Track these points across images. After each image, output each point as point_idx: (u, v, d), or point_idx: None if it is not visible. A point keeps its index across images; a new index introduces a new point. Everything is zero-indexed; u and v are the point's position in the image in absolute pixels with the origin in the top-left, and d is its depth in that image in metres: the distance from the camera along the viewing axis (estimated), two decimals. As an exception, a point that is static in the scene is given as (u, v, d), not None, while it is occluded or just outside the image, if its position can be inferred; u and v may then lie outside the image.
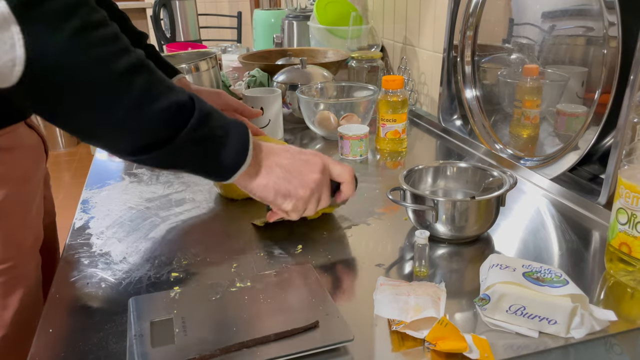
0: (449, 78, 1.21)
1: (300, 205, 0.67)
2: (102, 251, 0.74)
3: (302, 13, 1.92)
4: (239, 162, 0.62)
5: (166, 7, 2.49)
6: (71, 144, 4.20)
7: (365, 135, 1.06)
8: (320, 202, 0.69)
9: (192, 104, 0.58)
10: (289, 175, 0.65)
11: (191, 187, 0.94)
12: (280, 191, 0.65)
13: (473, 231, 0.73)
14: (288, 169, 0.65)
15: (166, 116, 0.55)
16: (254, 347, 0.52)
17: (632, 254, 0.62)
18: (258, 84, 1.41)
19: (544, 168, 0.94)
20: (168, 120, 0.56)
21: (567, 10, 0.90)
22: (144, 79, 0.54)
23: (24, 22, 0.46)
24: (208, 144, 0.59)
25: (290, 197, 0.66)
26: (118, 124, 0.54)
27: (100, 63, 0.51)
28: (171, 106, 0.56)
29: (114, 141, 0.57)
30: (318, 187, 0.67)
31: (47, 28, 0.47)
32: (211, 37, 3.48)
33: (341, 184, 0.71)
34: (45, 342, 0.56)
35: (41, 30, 0.47)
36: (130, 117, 0.54)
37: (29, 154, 0.73)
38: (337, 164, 0.70)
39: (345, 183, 0.71)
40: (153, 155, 0.57)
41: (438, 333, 0.52)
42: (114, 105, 0.52)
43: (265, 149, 0.66)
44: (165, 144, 0.56)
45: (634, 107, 0.71)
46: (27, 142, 0.73)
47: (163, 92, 0.56)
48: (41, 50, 0.47)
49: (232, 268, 0.69)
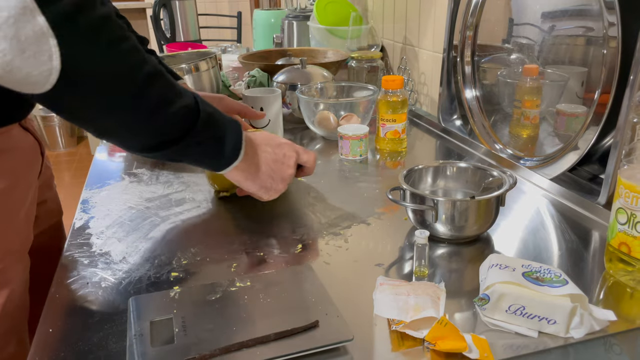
0: (449, 78, 1.21)
1: (275, 195, 0.79)
2: (102, 251, 0.74)
3: (302, 13, 1.92)
4: (233, 158, 0.71)
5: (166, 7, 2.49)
6: (71, 144, 4.20)
7: (365, 135, 1.06)
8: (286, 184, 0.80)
9: (197, 106, 0.65)
10: (271, 172, 0.76)
11: (191, 187, 0.94)
12: (263, 185, 0.76)
13: (473, 231, 0.73)
14: (272, 166, 0.76)
15: (177, 118, 0.63)
16: (254, 347, 0.52)
17: (631, 254, 0.62)
18: (258, 84, 1.41)
19: (544, 168, 0.95)
20: (178, 122, 0.63)
21: (567, 10, 0.90)
22: (161, 84, 0.61)
23: (61, 36, 0.50)
24: (209, 143, 0.67)
25: (270, 190, 0.77)
26: (135, 125, 0.61)
27: (126, 73, 0.57)
28: (181, 109, 0.63)
29: (128, 139, 0.63)
30: (290, 178, 0.79)
31: (80, 41, 0.52)
32: (211, 37, 3.48)
33: (305, 167, 0.83)
34: (45, 342, 0.56)
35: (75, 43, 0.52)
36: (148, 119, 0.60)
37: (22, 157, 0.72)
38: (305, 153, 0.81)
39: (309, 168, 0.83)
40: (162, 152, 0.64)
41: (438, 333, 0.52)
42: (136, 109, 0.59)
43: (252, 144, 0.75)
44: (173, 143, 0.64)
45: (634, 107, 0.71)
46: (20, 144, 0.72)
47: (175, 96, 0.63)
48: (75, 61, 0.52)
49: (232, 268, 0.69)
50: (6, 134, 0.68)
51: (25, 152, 0.74)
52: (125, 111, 0.58)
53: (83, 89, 0.55)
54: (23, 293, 0.73)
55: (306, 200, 0.89)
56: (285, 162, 0.77)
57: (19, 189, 0.71)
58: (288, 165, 0.78)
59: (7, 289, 0.69)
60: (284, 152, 0.77)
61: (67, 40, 0.51)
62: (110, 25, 0.54)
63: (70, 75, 0.52)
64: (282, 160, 0.77)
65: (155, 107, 0.60)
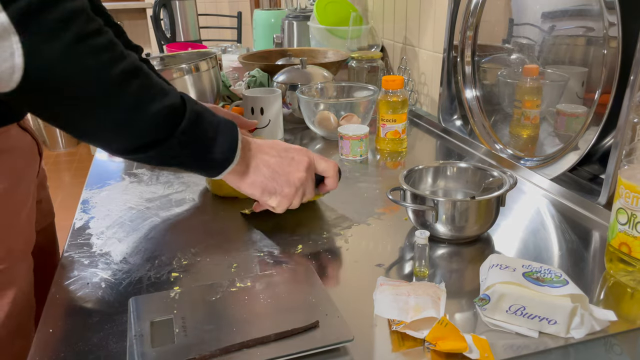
0: (449, 78, 1.21)
1: (285, 202, 0.72)
2: (102, 251, 0.74)
3: (302, 13, 1.92)
4: (227, 161, 0.66)
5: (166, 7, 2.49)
6: (71, 144, 4.19)
7: (365, 135, 1.06)
8: (305, 197, 0.74)
9: (183, 105, 0.62)
10: (275, 174, 0.70)
11: (191, 188, 0.94)
12: (267, 189, 0.70)
13: (473, 231, 0.73)
14: (275, 168, 0.70)
15: (159, 119, 0.59)
16: (254, 347, 0.52)
17: (632, 254, 0.62)
18: (258, 84, 1.41)
19: (544, 168, 0.94)
20: (161, 122, 0.59)
21: (567, 11, 0.90)
22: (139, 83, 0.57)
23: (23, 32, 0.48)
24: (199, 144, 0.63)
25: (276, 195, 0.71)
26: (114, 126, 0.57)
27: (97, 69, 0.53)
28: (164, 109, 0.59)
29: (109, 141, 0.60)
30: (302, 185, 0.72)
31: (44, 38, 0.49)
32: (211, 37, 3.48)
33: (325, 178, 0.76)
34: (45, 342, 0.56)
35: (39, 40, 0.49)
36: (125, 119, 0.57)
37: (20, 157, 0.72)
38: (322, 160, 0.75)
39: (329, 177, 0.76)
40: (147, 154, 0.61)
41: (438, 333, 0.52)
42: (111, 109, 0.56)
43: (253, 147, 0.70)
44: (158, 144, 0.60)
45: (634, 107, 0.71)
46: (19, 144, 0.72)
47: (157, 95, 0.59)
48: (39, 58, 0.50)
49: (232, 268, 0.69)
50: (5, 134, 0.68)
51: (24, 151, 0.74)
52: (101, 111, 0.56)
53: (50, 88, 0.52)
54: (29, 292, 0.73)
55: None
56: (293, 165, 0.71)
57: (20, 189, 0.71)
58: (297, 169, 0.71)
59: (14, 288, 0.69)
60: (292, 155, 0.71)
61: (30, 37, 0.49)
62: (79, 19, 0.52)
63: (35, 73, 0.50)
64: (289, 163, 0.71)
65: (134, 106, 0.57)
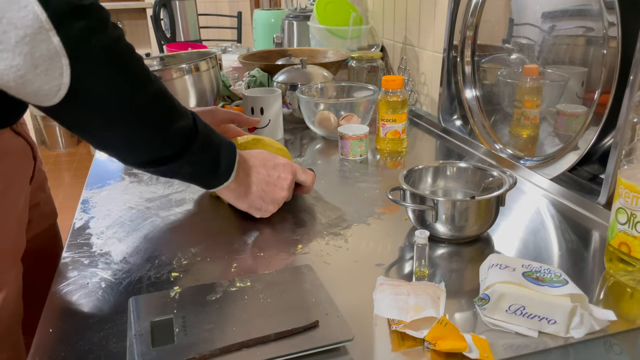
0: (449, 78, 1.21)
1: (265, 215, 0.80)
2: (102, 251, 0.74)
3: (302, 13, 1.92)
4: (224, 179, 0.74)
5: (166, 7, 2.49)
6: (71, 144, 4.20)
7: (365, 135, 1.06)
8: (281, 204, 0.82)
9: (195, 127, 0.68)
10: (262, 193, 0.78)
11: (191, 188, 0.94)
12: (253, 205, 0.79)
13: (473, 231, 0.73)
14: (263, 186, 0.78)
15: (176, 138, 0.66)
16: (254, 347, 0.52)
17: (631, 254, 0.62)
18: (258, 84, 1.41)
19: (544, 168, 0.95)
20: (177, 141, 0.66)
21: (567, 11, 0.90)
22: (166, 104, 0.65)
23: (73, 56, 0.54)
24: (203, 164, 0.71)
25: (261, 210, 0.79)
26: (135, 142, 0.64)
27: (131, 92, 0.60)
28: (180, 129, 0.66)
29: (127, 155, 0.66)
30: (282, 200, 0.80)
31: (91, 61, 0.56)
32: (211, 37, 3.49)
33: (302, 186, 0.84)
34: (45, 342, 0.56)
35: (86, 63, 0.55)
36: (148, 137, 0.64)
37: (13, 161, 0.71)
38: (303, 173, 0.83)
39: (306, 187, 0.84)
40: (156, 168, 0.68)
41: (438, 333, 0.53)
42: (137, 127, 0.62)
43: (246, 166, 0.77)
44: (170, 161, 0.67)
45: (634, 107, 0.71)
46: (12, 148, 0.71)
47: (177, 116, 0.66)
48: (84, 79, 0.56)
49: (232, 268, 0.69)
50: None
51: (16, 156, 0.73)
52: (127, 128, 0.62)
53: (89, 105, 0.58)
54: (17, 299, 0.72)
55: (306, 201, 0.89)
56: (279, 185, 0.79)
57: (10, 194, 0.70)
58: (281, 188, 0.79)
59: (1, 293, 0.68)
60: (278, 174, 0.79)
61: (78, 60, 0.54)
62: (120, 47, 0.58)
63: (78, 91, 0.56)
64: (275, 182, 0.78)
65: (156, 126, 0.63)
